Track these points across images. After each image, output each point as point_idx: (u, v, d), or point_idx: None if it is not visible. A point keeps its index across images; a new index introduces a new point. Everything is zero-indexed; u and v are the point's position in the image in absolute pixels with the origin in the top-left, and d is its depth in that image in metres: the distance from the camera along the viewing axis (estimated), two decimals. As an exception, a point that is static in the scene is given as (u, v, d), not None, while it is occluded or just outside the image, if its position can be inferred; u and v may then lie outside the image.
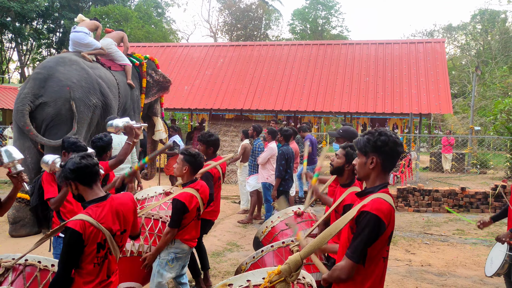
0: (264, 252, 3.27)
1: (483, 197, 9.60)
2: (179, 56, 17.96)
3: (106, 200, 2.61)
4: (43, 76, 6.91)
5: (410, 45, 16.55)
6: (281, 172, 7.17)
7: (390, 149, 2.22)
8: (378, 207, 2.14)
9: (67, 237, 2.43)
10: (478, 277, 5.61)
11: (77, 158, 2.58)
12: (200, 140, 4.94)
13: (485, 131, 21.84)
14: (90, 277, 2.51)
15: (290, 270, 2.15)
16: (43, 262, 2.77)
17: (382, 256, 2.25)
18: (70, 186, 2.61)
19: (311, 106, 14.88)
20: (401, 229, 8.04)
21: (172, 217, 3.69)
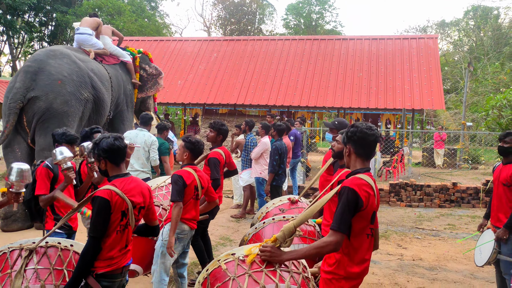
0: (266, 224, 3.49)
1: (474, 192, 9.69)
2: (172, 50, 17.87)
3: (128, 176, 2.90)
4: (33, 70, 6.83)
5: (403, 40, 16.61)
6: (274, 167, 7.18)
7: (358, 138, 2.55)
8: (356, 182, 2.44)
9: (97, 205, 2.67)
10: (469, 271, 5.67)
11: (112, 139, 2.84)
12: (213, 127, 5.24)
13: (477, 127, 22.01)
14: (113, 244, 2.75)
15: (284, 236, 2.44)
16: (62, 243, 2.93)
17: (366, 233, 2.49)
18: (99, 162, 2.87)
19: (305, 101, 14.90)
20: (393, 224, 8.10)
21: (172, 192, 3.84)
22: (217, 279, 2.50)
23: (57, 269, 2.80)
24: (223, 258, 2.57)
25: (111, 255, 2.74)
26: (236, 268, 2.47)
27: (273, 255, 2.44)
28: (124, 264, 2.84)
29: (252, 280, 2.39)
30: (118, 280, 2.80)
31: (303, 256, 2.50)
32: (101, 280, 2.70)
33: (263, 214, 4.21)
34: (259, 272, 2.42)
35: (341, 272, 2.44)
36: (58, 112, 6.77)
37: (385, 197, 9.91)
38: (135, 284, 4.83)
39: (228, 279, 2.45)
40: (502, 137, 4.27)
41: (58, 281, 2.76)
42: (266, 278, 2.39)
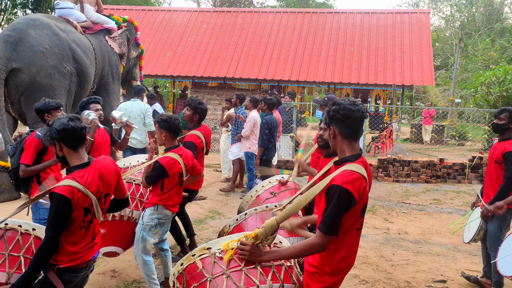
0: (248, 215, 3.30)
1: (460, 168, 9.83)
2: (161, 21, 17.50)
3: (90, 165, 2.60)
4: (13, 39, 6.64)
5: (395, 15, 16.45)
6: (264, 141, 7.17)
7: (342, 116, 2.21)
8: (348, 179, 2.14)
9: (56, 202, 2.42)
10: (452, 245, 5.80)
11: (65, 119, 2.54)
12: (189, 104, 4.95)
13: (465, 104, 22.16)
14: (76, 240, 2.55)
15: (266, 233, 2.21)
16: (23, 226, 2.73)
17: (355, 227, 2.28)
18: (54, 146, 2.59)
19: (295, 76, 14.80)
20: (380, 199, 8.21)
21: (150, 175, 3.72)
22: (193, 277, 2.30)
23: (13, 255, 2.61)
24: (198, 253, 2.36)
25: (75, 250, 2.54)
26: (212, 266, 2.27)
27: (253, 255, 2.23)
28: (90, 258, 2.64)
29: (231, 283, 2.19)
30: (81, 274, 2.61)
31: (286, 257, 2.32)
32: (63, 274, 2.52)
33: (253, 198, 4.13)
34: (238, 272, 2.22)
35: (325, 268, 2.26)
36: (43, 85, 6.64)
37: (373, 172, 10.01)
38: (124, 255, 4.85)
39: (205, 280, 2.25)
40: (497, 114, 4.23)
41: (12, 268, 2.57)
42: (246, 279, 2.20)
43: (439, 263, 5.15)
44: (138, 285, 4.26)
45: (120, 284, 4.25)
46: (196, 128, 4.95)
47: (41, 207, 3.78)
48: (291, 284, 2.32)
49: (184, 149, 4.01)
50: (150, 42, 16.26)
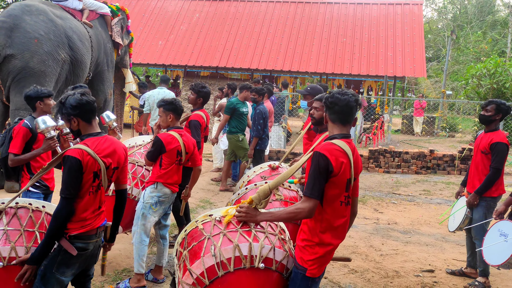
0: (248, 190, 3.49)
1: (450, 159, 9.93)
2: (153, 9, 17.31)
3: (102, 136, 2.76)
4: (8, 26, 6.53)
5: (388, 6, 16.43)
6: (259, 131, 7.17)
7: (330, 104, 2.51)
8: (327, 148, 2.39)
9: (68, 164, 2.55)
10: (441, 235, 5.88)
11: (78, 94, 2.68)
12: (193, 89, 5.16)
13: (456, 96, 22.31)
14: (86, 206, 2.66)
15: (259, 197, 2.47)
16: (33, 204, 2.84)
17: (339, 200, 2.44)
18: (70, 122, 2.71)
19: (287, 66, 14.77)
20: (370, 189, 8.28)
21: (149, 150, 3.89)
22: (193, 238, 2.53)
23: (28, 231, 2.71)
24: (200, 219, 2.60)
25: (85, 216, 2.66)
26: (212, 228, 2.50)
27: (248, 215, 2.47)
28: (99, 225, 2.76)
29: (227, 239, 2.40)
30: (93, 241, 2.73)
31: (277, 219, 2.50)
32: (75, 241, 2.63)
33: (245, 182, 4.21)
34: (234, 232, 2.44)
35: (314, 239, 2.42)
36: (35, 71, 6.55)
37: (364, 163, 10.07)
38: (115, 244, 4.85)
39: (204, 238, 2.47)
40: (484, 106, 4.32)
41: (29, 243, 2.67)
42: (240, 237, 2.41)
43: (427, 253, 5.21)
44: (128, 273, 4.26)
45: (109, 272, 4.25)
46: (199, 109, 5.19)
47: (32, 195, 3.76)
48: (283, 250, 2.48)
49: (186, 133, 4.11)
50: (142, 31, 16.10)
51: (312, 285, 2.43)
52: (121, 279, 4.14)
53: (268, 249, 2.40)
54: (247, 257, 2.35)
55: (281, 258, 2.44)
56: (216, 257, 2.35)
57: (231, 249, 2.36)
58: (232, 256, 2.35)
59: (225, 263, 2.34)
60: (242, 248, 2.36)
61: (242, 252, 2.35)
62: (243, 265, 2.35)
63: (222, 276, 2.34)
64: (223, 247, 2.37)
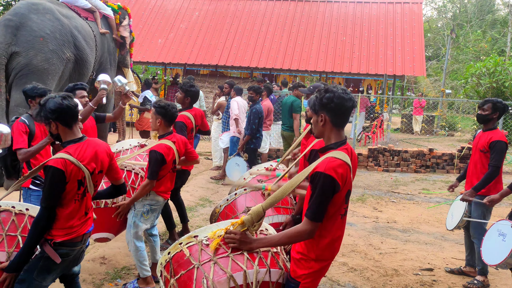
0: (238, 195, 3.35)
1: (449, 158, 9.94)
2: (152, 7, 17.29)
3: (84, 141, 2.69)
4: (15, 24, 6.55)
5: (388, 5, 16.42)
6: (253, 130, 7.19)
7: (335, 106, 2.22)
8: (331, 166, 2.15)
9: (50, 175, 2.49)
10: (440, 234, 5.89)
11: (59, 98, 2.59)
12: (181, 87, 5.05)
13: (455, 95, 22.31)
14: (71, 213, 2.61)
15: (252, 220, 2.24)
16: (17, 206, 2.79)
17: (339, 214, 2.29)
18: (49, 125, 2.64)
19: (287, 64, 14.76)
20: (370, 188, 8.28)
21: (151, 169, 3.70)
22: (180, 265, 2.30)
23: (10, 235, 2.66)
24: (185, 241, 2.35)
25: (71, 224, 2.61)
26: (200, 254, 2.28)
27: (243, 243, 2.24)
28: (85, 232, 2.71)
29: (219, 269, 2.21)
30: (77, 247, 2.68)
31: (274, 244, 2.32)
32: (60, 248, 2.58)
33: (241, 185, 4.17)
34: (225, 258, 2.23)
35: (311, 254, 2.27)
36: (38, 68, 6.56)
37: (363, 162, 10.07)
38: (113, 242, 4.86)
39: (192, 267, 2.25)
40: (481, 105, 4.35)
41: (11, 248, 2.62)
42: (233, 265, 2.22)
43: (426, 252, 5.22)
44: (128, 271, 4.27)
45: (109, 271, 4.26)
46: (187, 109, 5.04)
47: (32, 193, 3.76)
48: (278, 269, 2.34)
49: (177, 135, 4.03)
50: (142, 29, 16.08)
51: None
52: (121, 277, 4.15)
53: (264, 272, 2.26)
54: (242, 287, 2.19)
55: (277, 278, 2.32)
56: None
57: (225, 281, 2.18)
58: None
59: None
60: (237, 278, 2.19)
61: (237, 282, 2.19)
62: None
63: None
64: (216, 279, 2.18)
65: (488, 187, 4.22)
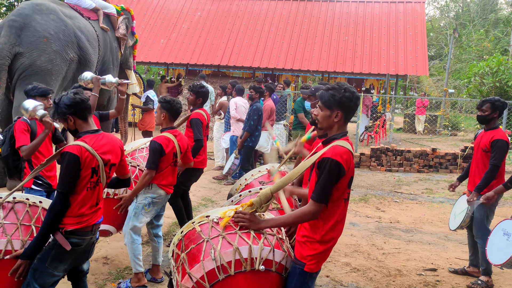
0: (242, 197, 3.41)
1: (452, 158, 9.90)
2: (154, 7, 17.30)
3: (99, 133, 2.81)
4: (19, 25, 6.56)
5: (390, 4, 16.38)
6: (251, 126, 7.18)
7: (353, 104, 2.41)
8: (337, 152, 2.33)
9: (66, 160, 2.60)
10: (443, 233, 5.86)
11: (71, 93, 2.73)
12: (192, 89, 5.11)
13: (458, 94, 22.24)
14: (83, 201, 2.69)
15: (261, 202, 2.43)
16: (31, 199, 2.87)
17: (343, 198, 2.45)
18: (66, 121, 2.75)
19: (289, 64, 14.74)
20: (372, 188, 8.26)
21: (149, 159, 3.78)
22: (191, 240, 2.48)
23: (24, 225, 2.75)
24: (197, 220, 2.55)
25: (82, 212, 2.69)
26: (210, 230, 2.46)
27: (251, 223, 2.42)
28: (95, 222, 2.80)
29: (226, 242, 2.38)
30: (88, 237, 2.77)
31: (281, 224, 2.51)
32: (71, 237, 2.67)
33: (242, 186, 4.15)
34: (233, 234, 2.41)
35: (315, 236, 2.41)
36: (41, 69, 6.58)
37: (366, 162, 10.05)
38: (116, 243, 4.86)
39: (202, 241, 2.43)
40: (480, 106, 4.36)
41: (26, 236, 2.72)
42: (240, 240, 2.38)
43: (429, 252, 5.20)
44: (130, 272, 4.26)
45: (112, 271, 4.26)
46: (200, 108, 5.11)
47: (34, 193, 3.76)
48: (282, 251, 2.46)
49: (180, 132, 4.08)
50: (144, 29, 16.09)
51: (309, 280, 2.45)
52: (123, 277, 4.14)
53: (268, 250, 2.39)
54: (247, 260, 2.34)
55: (280, 259, 2.45)
56: (216, 261, 2.34)
57: (231, 252, 2.35)
58: (232, 259, 2.34)
59: (225, 267, 2.34)
60: (242, 251, 2.35)
61: (242, 255, 2.34)
62: (243, 268, 2.34)
63: (223, 279, 2.33)
64: (223, 250, 2.35)
65: (491, 186, 4.20)
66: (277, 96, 9.93)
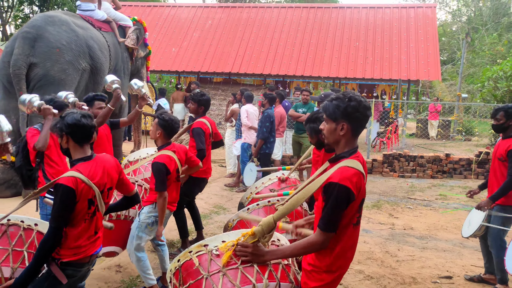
0: (250, 210, 3.33)
1: (466, 163, 9.77)
2: (166, 16, 17.49)
3: (93, 159, 2.66)
4: (32, 36, 6.72)
5: (401, 9, 16.33)
6: (264, 133, 7.19)
7: (361, 115, 2.16)
8: (346, 176, 2.09)
9: (60, 193, 2.44)
10: (458, 241, 5.77)
11: (79, 115, 2.62)
12: (192, 98, 5.07)
13: (472, 99, 22.00)
14: (80, 233, 2.57)
15: (263, 231, 2.20)
16: (26, 221, 2.76)
17: (352, 223, 2.23)
18: (61, 138, 2.64)
19: (300, 71, 14.75)
20: (385, 194, 8.18)
21: (158, 180, 3.70)
22: (189, 274, 2.29)
23: (16, 250, 2.63)
24: (195, 249, 2.34)
25: (79, 244, 2.57)
26: (209, 264, 2.26)
27: (254, 256, 2.21)
28: (92, 253, 2.67)
29: (227, 281, 2.18)
30: (84, 268, 2.65)
31: (287, 256, 2.27)
32: (66, 268, 2.55)
33: (253, 194, 4.14)
34: (235, 270, 2.20)
35: (322, 265, 2.21)
36: (55, 79, 6.72)
37: (378, 168, 9.97)
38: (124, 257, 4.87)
39: (201, 277, 2.24)
40: (493, 115, 4.30)
41: (16, 263, 2.59)
42: (242, 277, 2.19)
43: (445, 259, 5.12)
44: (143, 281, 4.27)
45: (125, 279, 4.27)
46: (201, 117, 5.06)
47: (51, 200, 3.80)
48: (288, 283, 2.29)
49: (176, 144, 4.05)
50: (156, 38, 16.27)
51: None
52: (136, 285, 4.16)
53: (273, 286, 2.22)
54: None
55: None
56: None
57: None
58: None
59: None
60: None
61: None
62: None
63: None
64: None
65: (510, 196, 4.13)
66: (289, 103, 9.93)
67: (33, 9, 29.98)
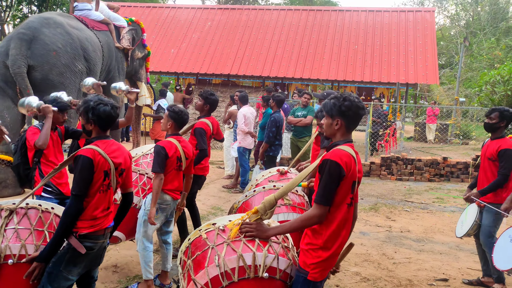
0: (256, 192, 3.52)
1: (464, 167, 9.80)
2: (165, 18, 17.51)
3: (110, 139, 2.90)
4: (28, 37, 6.72)
5: (400, 13, 16.40)
6: (270, 138, 7.20)
7: (353, 113, 2.45)
8: (337, 154, 2.38)
9: (80, 163, 2.67)
10: (455, 243, 5.79)
11: (109, 107, 2.83)
12: (201, 95, 5.14)
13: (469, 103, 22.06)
14: (96, 204, 2.75)
15: (265, 208, 2.45)
16: (43, 205, 2.93)
17: (346, 203, 2.43)
18: (88, 123, 2.83)
19: (299, 73, 14.78)
20: (383, 197, 8.20)
21: (154, 163, 3.84)
22: (197, 247, 2.52)
23: (37, 230, 2.80)
24: (204, 228, 2.58)
25: (95, 215, 2.75)
26: (215, 237, 2.48)
27: (258, 232, 2.44)
28: (106, 226, 2.85)
29: (230, 249, 2.40)
30: (100, 241, 2.81)
31: (288, 230, 2.50)
32: (84, 241, 2.71)
33: (253, 186, 4.22)
34: (238, 241, 2.43)
35: (318, 242, 2.40)
36: (55, 83, 6.75)
37: (376, 171, 9.99)
38: (126, 251, 4.88)
39: (207, 247, 2.46)
40: (488, 114, 4.41)
41: (39, 241, 2.77)
42: (244, 247, 2.40)
43: (441, 262, 5.14)
44: (140, 280, 4.27)
45: (122, 279, 4.27)
46: (206, 117, 5.11)
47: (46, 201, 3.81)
48: (286, 259, 2.46)
49: (185, 140, 4.14)
50: (155, 39, 16.29)
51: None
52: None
53: (272, 258, 2.40)
54: (251, 267, 2.35)
55: (285, 267, 2.44)
56: (220, 267, 2.35)
57: (235, 259, 2.36)
58: (236, 266, 2.35)
59: (229, 273, 2.35)
60: (246, 258, 2.36)
61: (246, 262, 2.35)
62: (247, 275, 2.35)
63: (226, 286, 2.35)
64: (227, 257, 2.37)
65: (500, 194, 4.22)
66: (288, 106, 9.95)
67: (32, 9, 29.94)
